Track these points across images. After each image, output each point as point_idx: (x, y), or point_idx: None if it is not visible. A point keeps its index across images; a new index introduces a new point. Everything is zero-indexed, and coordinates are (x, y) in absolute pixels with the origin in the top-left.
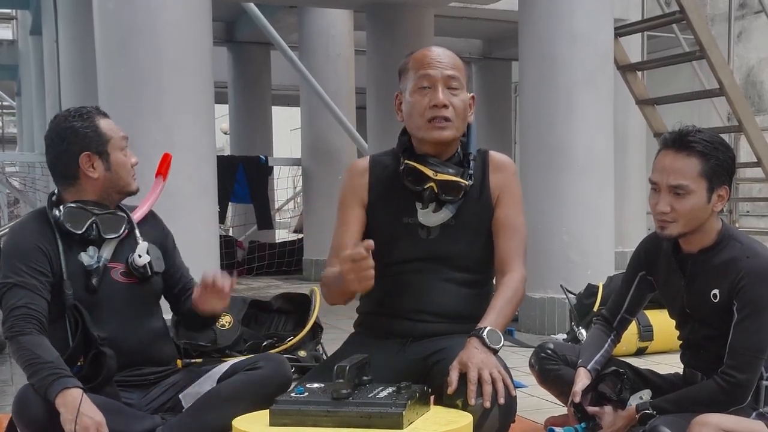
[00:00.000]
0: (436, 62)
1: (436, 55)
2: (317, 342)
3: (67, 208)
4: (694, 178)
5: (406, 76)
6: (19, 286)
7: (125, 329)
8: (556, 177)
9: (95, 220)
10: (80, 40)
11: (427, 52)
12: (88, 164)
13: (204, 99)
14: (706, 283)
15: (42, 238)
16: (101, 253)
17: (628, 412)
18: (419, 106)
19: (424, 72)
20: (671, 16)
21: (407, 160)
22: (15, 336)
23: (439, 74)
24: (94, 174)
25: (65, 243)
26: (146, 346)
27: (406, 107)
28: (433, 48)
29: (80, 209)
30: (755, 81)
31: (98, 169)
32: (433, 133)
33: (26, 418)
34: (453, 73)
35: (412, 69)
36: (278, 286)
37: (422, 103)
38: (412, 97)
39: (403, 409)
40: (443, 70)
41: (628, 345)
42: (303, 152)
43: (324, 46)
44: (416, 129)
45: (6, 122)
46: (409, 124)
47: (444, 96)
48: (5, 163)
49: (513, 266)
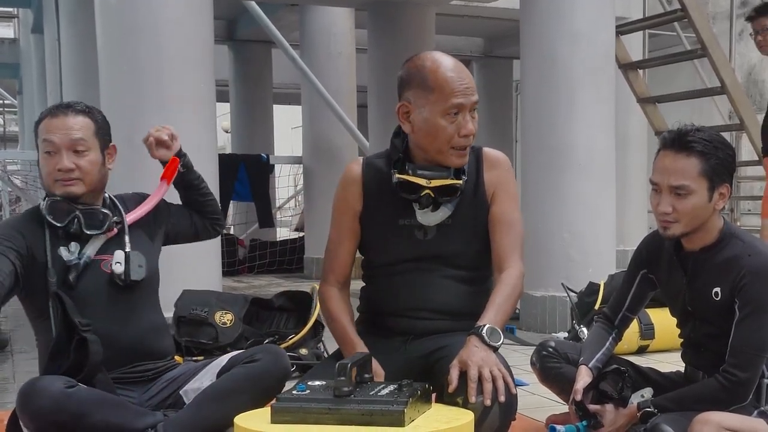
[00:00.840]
0: (465, 89)
1: (461, 78)
2: (318, 340)
3: (50, 200)
4: (694, 178)
5: (426, 96)
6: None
7: (117, 321)
8: (557, 176)
9: (77, 214)
10: (82, 39)
11: (451, 74)
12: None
13: (205, 97)
14: (708, 282)
15: (26, 228)
16: (85, 249)
17: (630, 411)
18: (447, 133)
19: (456, 101)
20: (673, 14)
21: (399, 174)
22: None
23: (469, 102)
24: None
25: (53, 235)
26: (141, 338)
27: (425, 126)
28: (450, 65)
29: (63, 202)
30: (757, 79)
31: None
32: (457, 160)
33: (31, 411)
34: (477, 98)
35: (439, 90)
36: (279, 284)
37: (450, 130)
38: (437, 120)
39: (404, 406)
40: (471, 97)
41: (630, 343)
42: (304, 150)
43: (325, 44)
44: (436, 152)
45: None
46: (426, 142)
47: (473, 125)
48: (7, 161)
49: (510, 262)
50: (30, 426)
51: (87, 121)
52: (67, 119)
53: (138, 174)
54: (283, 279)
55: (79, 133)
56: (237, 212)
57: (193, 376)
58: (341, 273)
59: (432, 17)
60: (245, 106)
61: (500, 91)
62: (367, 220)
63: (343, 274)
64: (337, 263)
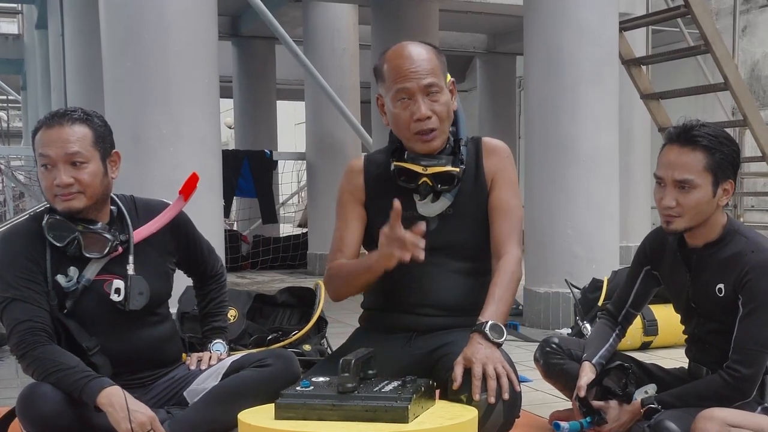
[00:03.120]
0: (410, 73)
1: (410, 63)
2: (322, 336)
3: (51, 219)
4: (699, 172)
5: (384, 85)
6: (18, 300)
7: (122, 339)
8: (561, 171)
9: (77, 236)
10: (86, 34)
11: (401, 61)
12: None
13: (209, 93)
14: (711, 278)
15: (30, 247)
16: (84, 272)
17: (633, 407)
18: (402, 119)
19: (400, 86)
20: (676, 11)
21: (396, 161)
22: (27, 351)
23: (416, 85)
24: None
25: (54, 253)
26: (147, 353)
27: (389, 116)
28: (405, 51)
29: (63, 222)
30: (760, 75)
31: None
32: (422, 146)
33: (32, 415)
34: (430, 80)
35: (388, 79)
36: (283, 280)
37: (404, 116)
38: (393, 108)
39: (408, 403)
40: (419, 81)
41: (633, 339)
42: (307, 146)
43: (329, 40)
44: (404, 139)
45: (11, 116)
46: (395, 131)
47: (425, 108)
48: (10, 157)
49: (507, 248)
50: (31, 431)
51: (84, 130)
52: (63, 130)
53: (143, 169)
54: (287, 275)
55: (76, 145)
56: (240, 208)
57: (196, 377)
58: (349, 254)
59: (435, 13)
60: (249, 102)
61: (504, 87)
62: (370, 214)
63: (350, 254)
64: (344, 243)
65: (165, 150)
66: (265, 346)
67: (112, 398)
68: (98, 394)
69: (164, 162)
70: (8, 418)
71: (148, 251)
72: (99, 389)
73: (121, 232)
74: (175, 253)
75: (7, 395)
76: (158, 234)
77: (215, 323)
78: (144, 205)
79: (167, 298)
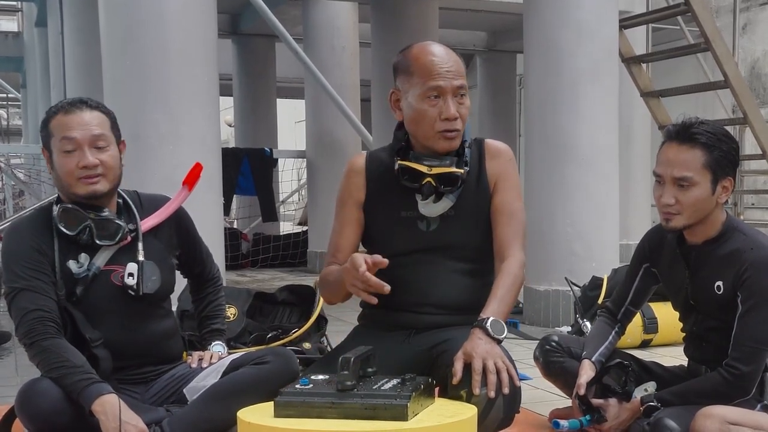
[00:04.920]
0: (445, 72)
1: (443, 61)
2: (322, 334)
3: (62, 208)
4: (698, 169)
5: (410, 80)
6: (27, 290)
7: (128, 330)
8: (560, 169)
9: (89, 224)
10: (85, 32)
11: (433, 57)
12: (47, 161)
13: (209, 91)
14: (710, 275)
15: (37, 238)
16: (94, 260)
17: (633, 405)
18: (429, 117)
19: (434, 84)
20: (676, 8)
21: (401, 161)
22: (36, 341)
23: (449, 85)
24: (50, 172)
25: (62, 243)
26: (150, 347)
27: (410, 112)
28: (436, 50)
29: (75, 210)
30: (760, 73)
31: (52, 167)
32: (444, 144)
33: (30, 412)
34: (461, 82)
35: (417, 75)
36: (283, 278)
37: (431, 113)
38: (419, 104)
39: (407, 400)
40: (452, 81)
41: (633, 337)
42: (307, 144)
43: (329, 38)
44: (424, 137)
45: (11, 114)
46: (413, 129)
47: (455, 108)
48: (10, 155)
49: (511, 251)
50: (30, 427)
51: (102, 116)
52: (84, 115)
53: (143, 168)
54: (287, 273)
55: (98, 128)
56: (240, 206)
57: (196, 375)
58: (343, 259)
59: (435, 11)
60: (249, 100)
61: (504, 85)
62: (370, 212)
63: (344, 260)
64: (337, 248)
65: (164, 149)
66: (265, 344)
67: (106, 406)
68: (94, 401)
69: (164, 161)
70: (10, 418)
71: (154, 243)
72: (96, 395)
73: (129, 221)
74: (178, 247)
75: (6, 393)
76: (163, 227)
77: (214, 326)
78: (148, 199)
79: (172, 291)
